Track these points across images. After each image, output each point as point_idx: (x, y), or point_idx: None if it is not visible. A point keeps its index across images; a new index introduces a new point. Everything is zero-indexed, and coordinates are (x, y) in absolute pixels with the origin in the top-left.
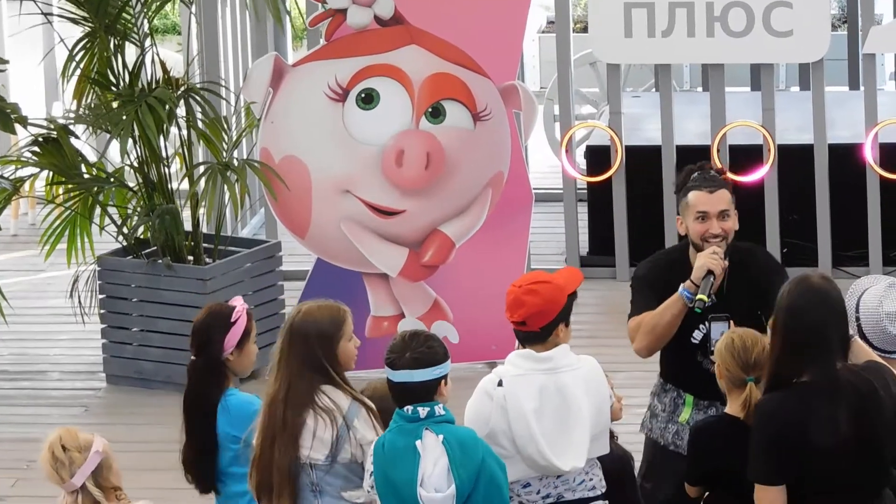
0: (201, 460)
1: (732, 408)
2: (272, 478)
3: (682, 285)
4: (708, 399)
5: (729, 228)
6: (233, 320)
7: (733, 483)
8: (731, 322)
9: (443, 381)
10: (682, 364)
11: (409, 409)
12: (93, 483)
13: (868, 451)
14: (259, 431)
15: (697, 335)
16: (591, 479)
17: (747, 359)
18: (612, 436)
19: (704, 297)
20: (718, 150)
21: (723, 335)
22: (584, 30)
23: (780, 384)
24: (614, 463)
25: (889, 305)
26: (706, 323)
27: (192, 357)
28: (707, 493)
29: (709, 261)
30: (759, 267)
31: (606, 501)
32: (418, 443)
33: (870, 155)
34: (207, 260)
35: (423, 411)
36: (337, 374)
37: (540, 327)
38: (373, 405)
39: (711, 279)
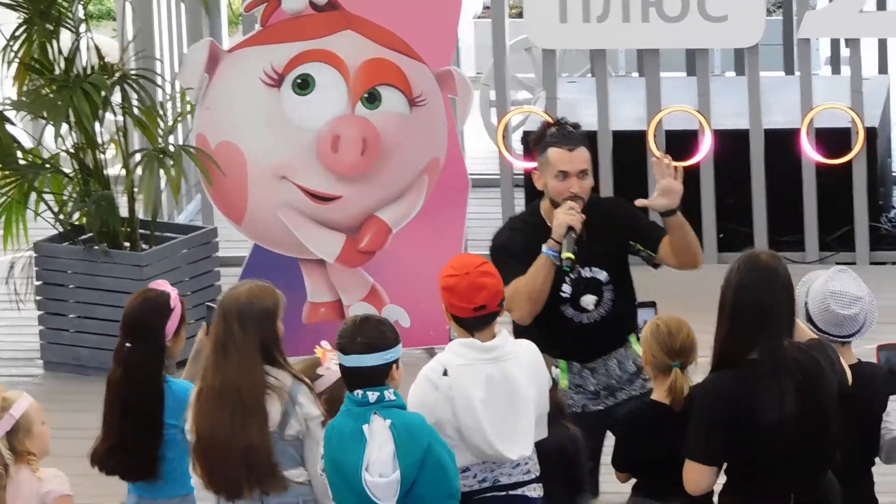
0: (143, 446)
1: (658, 394)
2: (228, 465)
3: (544, 245)
4: (580, 360)
5: (587, 188)
6: (172, 306)
7: (662, 469)
8: (657, 309)
9: (394, 366)
10: (553, 324)
11: (359, 393)
12: (6, 444)
13: (814, 430)
14: (205, 419)
15: (567, 289)
16: (526, 464)
17: (672, 344)
18: (564, 415)
19: (571, 255)
20: (654, 136)
21: (646, 323)
22: (520, 15)
23: (726, 363)
24: (569, 443)
25: (834, 285)
26: (572, 275)
27: (128, 344)
28: (636, 480)
29: (567, 217)
30: (617, 212)
31: (540, 484)
32: (365, 427)
33: (805, 140)
34: (144, 246)
35: (372, 396)
36: (280, 355)
37: (497, 305)
38: (310, 383)
39: (573, 235)
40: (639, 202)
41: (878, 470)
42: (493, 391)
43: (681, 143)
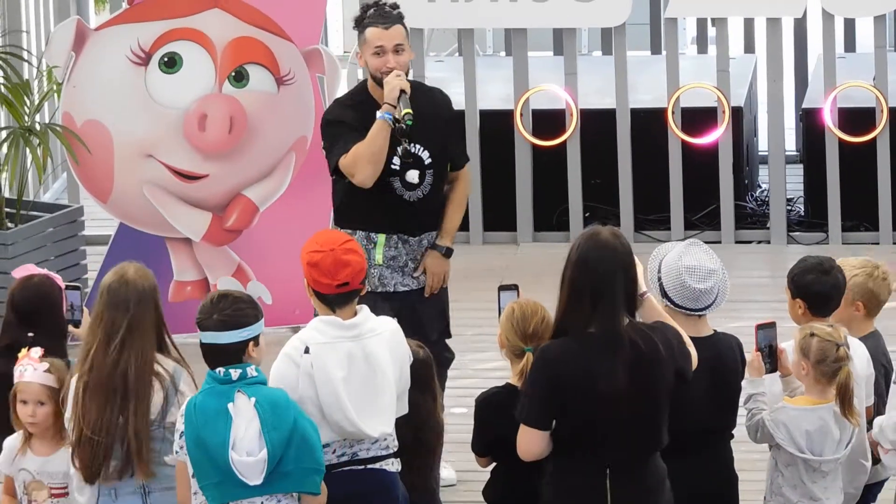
0: None
1: (513, 377)
2: (110, 455)
3: (379, 112)
4: (398, 232)
5: (404, 62)
6: (61, 287)
7: (516, 453)
8: (519, 292)
9: (251, 343)
10: (381, 196)
11: (220, 370)
12: None
13: (642, 409)
14: (94, 410)
15: (396, 161)
16: (385, 439)
17: (525, 328)
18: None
19: (409, 111)
20: (521, 115)
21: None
22: None
23: (564, 333)
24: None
25: (688, 260)
26: (403, 145)
27: (30, 334)
28: (494, 464)
29: (398, 81)
30: (440, 102)
31: (398, 459)
32: (230, 405)
33: (671, 119)
34: (10, 225)
35: (234, 373)
36: (169, 337)
37: (360, 282)
38: (191, 368)
39: (406, 96)
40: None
41: (741, 447)
42: (354, 369)
43: (548, 122)
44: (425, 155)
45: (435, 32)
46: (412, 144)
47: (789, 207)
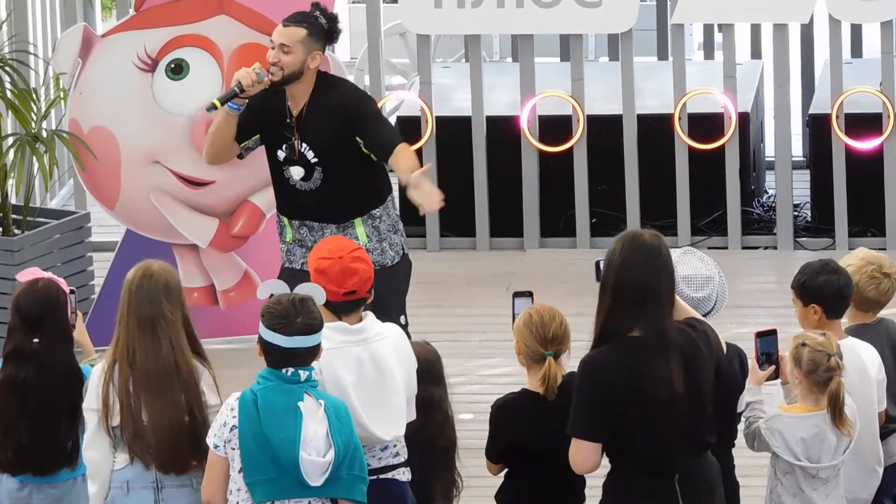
0: (66, 438)
1: (532, 383)
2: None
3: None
4: (298, 218)
5: (288, 63)
6: (66, 291)
7: (533, 459)
8: (533, 299)
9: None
10: (279, 186)
11: (289, 370)
12: None
13: (693, 409)
14: (138, 402)
15: (281, 154)
16: (394, 446)
17: (545, 333)
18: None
19: (216, 102)
20: (528, 121)
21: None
22: (395, 0)
23: (607, 340)
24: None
25: (684, 269)
26: (287, 139)
27: (35, 340)
28: (507, 470)
29: (241, 72)
30: (347, 104)
31: (409, 468)
32: (301, 404)
33: (678, 125)
34: (16, 231)
35: (303, 374)
36: (196, 333)
37: (367, 291)
38: (213, 369)
39: (236, 90)
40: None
41: (746, 453)
42: (363, 372)
43: (554, 128)
44: (310, 154)
45: (441, 38)
46: (302, 143)
47: (796, 213)
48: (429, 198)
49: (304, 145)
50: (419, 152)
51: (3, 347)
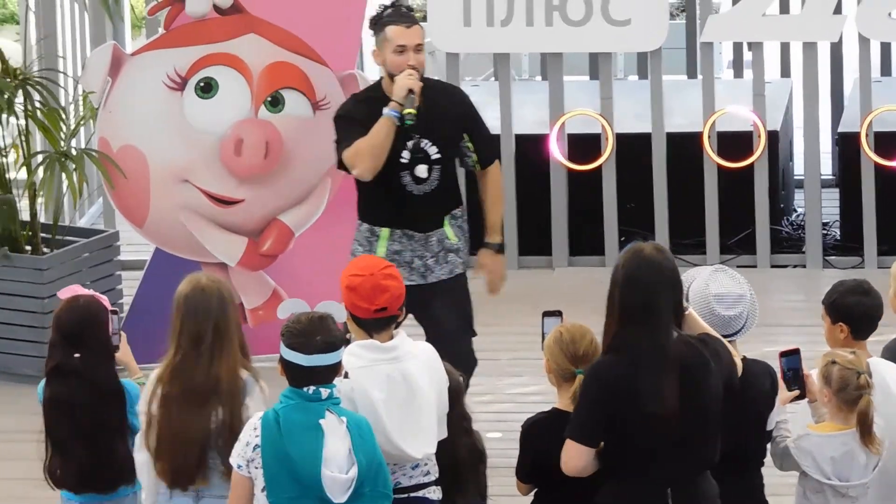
0: (121, 455)
1: (563, 402)
2: (191, 458)
3: (386, 108)
4: (403, 228)
5: (423, 61)
6: (106, 307)
7: (564, 479)
8: (563, 318)
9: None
10: (389, 190)
11: (310, 389)
12: None
13: (693, 425)
14: (181, 417)
15: (406, 155)
16: (425, 465)
17: (575, 351)
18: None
19: (412, 110)
20: (557, 139)
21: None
22: (424, 19)
23: (613, 351)
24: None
25: (716, 288)
26: (413, 141)
27: (76, 355)
28: (536, 490)
29: (407, 80)
30: (456, 99)
31: (439, 487)
32: (322, 422)
33: (707, 143)
34: (45, 250)
35: (325, 392)
36: (248, 348)
37: (398, 308)
38: (265, 385)
39: (413, 96)
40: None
41: (771, 472)
42: (393, 390)
43: (583, 146)
44: (433, 150)
45: (470, 56)
46: (421, 140)
47: (825, 231)
48: (496, 283)
49: (426, 142)
50: None
51: (46, 364)
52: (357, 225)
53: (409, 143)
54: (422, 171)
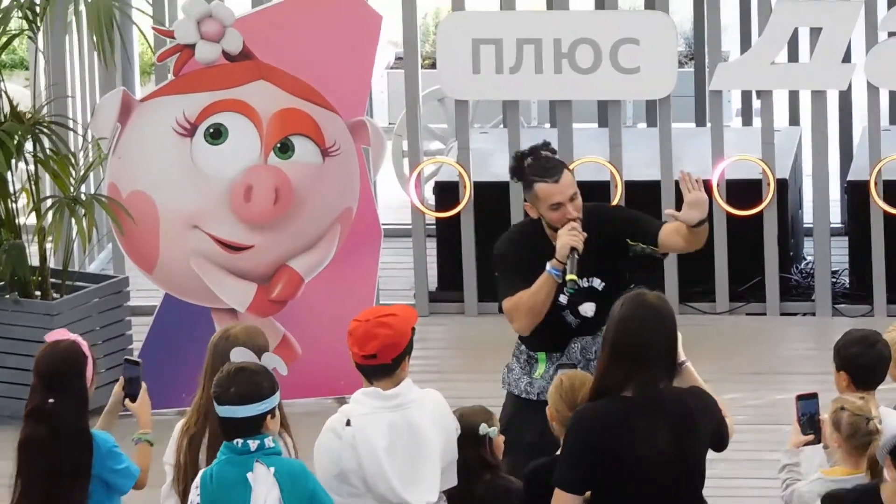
0: (79, 499)
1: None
2: None
3: (549, 264)
4: (559, 351)
5: (580, 206)
6: (86, 354)
7: None
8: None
9: (268, 416)
10: (551, 327)
11: (238, 442)
12: None
13: (678, 475)
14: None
15: (563, 298)
16: None
17: (574, 398)
18: (499, 467)
19: (574, 277)
20: None
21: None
22: (433, 66)
23: (601, 395)
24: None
25: None
26: (570, 282)
27: (50, 400)
28: None
29: (570, 239)
30: (612, 216)
31: None
32: (249, 475)
33: (716, 191)
34: (55, 295)
35: (253, 444)
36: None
37: (392, 359)
38: (293, 441)
39: (576, 256)
40: (668, 212)
41: None
42: (395, 438)
43: (592, 193)
44: (597, 283)
45: (480, 104)
46: (584, 279)
47: (834, 280)
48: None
49: (589, 279)
50: (456, 217)
51: (25, 406)
52: (517, 344)
53: (565, 289)
54: (587, 309)
